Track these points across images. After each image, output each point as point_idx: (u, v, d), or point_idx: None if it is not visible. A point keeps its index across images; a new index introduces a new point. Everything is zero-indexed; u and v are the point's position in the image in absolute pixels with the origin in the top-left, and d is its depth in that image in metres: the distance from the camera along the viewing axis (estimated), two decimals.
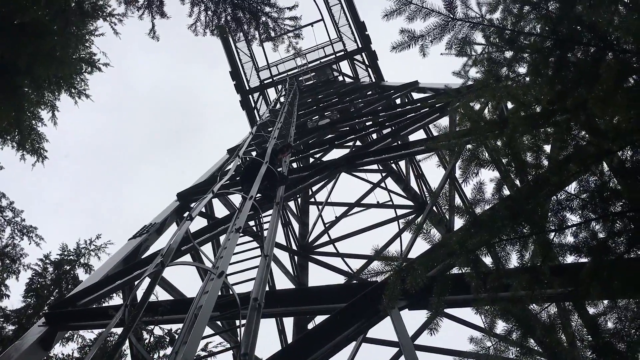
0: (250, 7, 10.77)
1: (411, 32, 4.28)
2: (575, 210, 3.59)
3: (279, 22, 11.10)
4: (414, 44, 4.35)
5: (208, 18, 11.05)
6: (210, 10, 10.84)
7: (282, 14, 11.16)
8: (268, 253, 7.12)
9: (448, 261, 3.83)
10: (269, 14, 10.94)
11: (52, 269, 15.62)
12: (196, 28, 11.20)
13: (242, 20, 10.80)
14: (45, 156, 13.34)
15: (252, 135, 14.61)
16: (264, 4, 10.85)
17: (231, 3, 10.71)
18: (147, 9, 10.59)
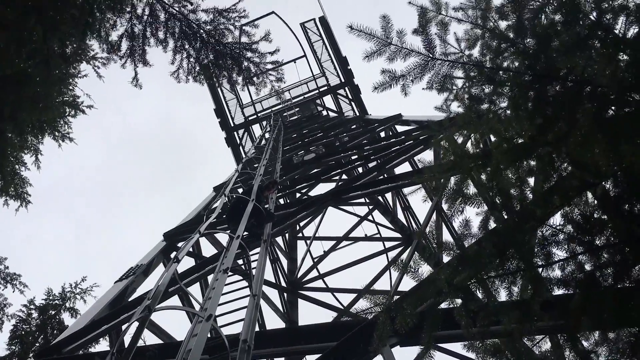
0: (232, 53, 10.90)
1: (392, 73, 4.34)
2: (562, 245, 3.61)
3: (261, 66, 11.23)
4: (395, 84, 4.40)
5: (190, 65, 11.16)
6: (192, 57, 10.96)
7: (264, 59, 11.31)
8: (257, 292, 7.04)
9: (437, 299, 3.81)
10: (251, 59, 11.07)
11: (37, 314, 15.33)
12: (179, 75, 11.28)
13: (224, 66, 10.90)
14: (28, 201, 13.25)
15: (237, 173, 14.60)
16: (245, 50, 10.99)
17: (213, 50, 10.83)
18: (130, 58, 10.67)
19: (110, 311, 9.22)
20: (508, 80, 4.66)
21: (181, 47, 10.97)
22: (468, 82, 5.05)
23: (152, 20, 10.51)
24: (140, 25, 10.48)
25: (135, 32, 10.65)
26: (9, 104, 8.67)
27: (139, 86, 10.86)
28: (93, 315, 9.12)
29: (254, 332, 6.02)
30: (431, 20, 4.54)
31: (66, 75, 11.36)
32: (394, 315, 3.80)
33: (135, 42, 10.50)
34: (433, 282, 3.97)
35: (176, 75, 11.30)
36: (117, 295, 9.77)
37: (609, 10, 4.13)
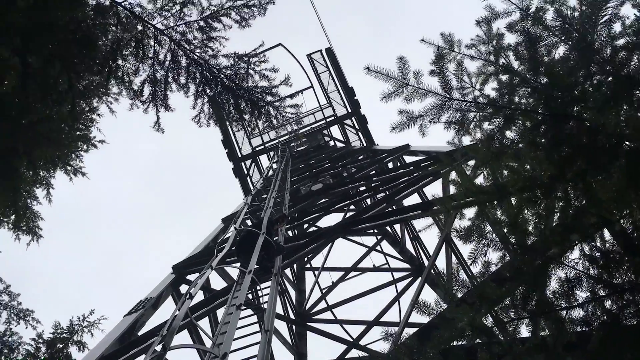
0: (252, 97, 11.01)
1: (409, 113, 4.37)
2: (583, 285, 3.59)
3: (281, 110, 11.34)
4: (413, 124, 4.44)
5: (211, 109, 11.26)
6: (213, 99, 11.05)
7: (283, 102, 11.46)
8: (269, 328, 6.96)
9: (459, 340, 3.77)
10: (271, 103, 11.19)
11: (45, 348, 15.21)
12: (200, 119, 11.40)
13: (245, 110, 11.02)
14: (40, 235, 13.26)
15: (247, 205, 14.61)
16: (265, 94, 11.10)
17: (234, 95, 10.94)
18: (152, 103, 10.80)
19: (120, 346, 9.15)
20: (523, 117, 4.68)
21: (202, 91, 11.11)
22: (482, 118, 5.09)
23: (173, 66, 10.66)
24: (162, 70, 10.64)
25: (157, 77, 10.82)
26: (25, 141, 8.77)
27: (161, 130, 11.00)
28: (102, 350, 9.03)
29: None
30: (445, 58, 4.59)
31: (83, 112, 11.51)
32: (416, 359, 3.76)
33: (157, 87, 10.64)
34: (452, 321, 3.93)
35: (197, 120, 11.45)
36: (126, 329, 9.69)
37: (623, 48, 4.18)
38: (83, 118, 11.70)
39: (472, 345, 4.32)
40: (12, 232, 12.74)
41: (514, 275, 3.80)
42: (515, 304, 3.47)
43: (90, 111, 11.84)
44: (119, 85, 10.10)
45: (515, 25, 4.46)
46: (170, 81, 10.74)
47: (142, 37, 9.83)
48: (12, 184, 9.73)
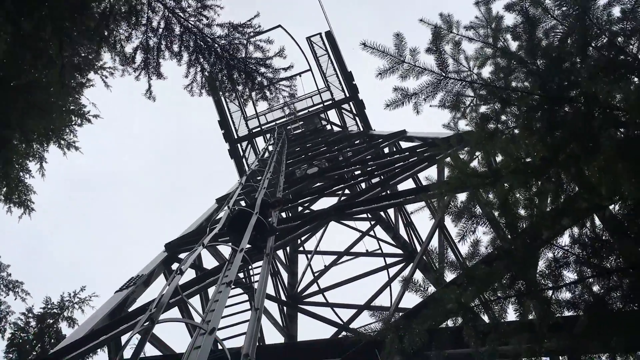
0: (246, 68, 10.92)
1: (404, 91, 4.34)
2: (571, 267, 3.59)
3: (275, 82, 11.23)
4: (407, 102, 4.40)
5: (204, 78, 11.16)
6: (207, 71, 10.96)
7: (277, 74, 11.33)
8: (258, 306, 6.98)
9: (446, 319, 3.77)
10: (265, 74, 11.09)
11: (35, 323, 15.25)
12: (192, 88, 11.28)
13: (238, 81, 10.92)
14: (32, 208, 13.22)
15: (241, 185, 14.58)
16: (259, 65, 11.00)
17: (227, 64, 10.85)
18: (144, 70, 10.69)
19: (110, 321, 9.16)
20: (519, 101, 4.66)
21: (195, 60, 10.99)
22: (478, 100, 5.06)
23: (167, 34, 10.54)
24: (156, 38, 10.51)
25: (150, 44, 10.69)
26: (17, 111, 8.69)
27: (153, 98, 10.88)
28: (92, 325, 9.05)
29: (255, 347, 5.97)
30: (443, 39, 4.55)
31: (76, 85, 11.38)
32: (402, 334, 3.76)
33: (150, 54, 10.52)
34: (441, 301, 3.94)
35: (190, 89, 11.32)
36: (117, 305, 9.71)
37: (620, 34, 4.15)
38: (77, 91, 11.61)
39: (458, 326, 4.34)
40: (3, 204, 12.75)
41: (503, 256, 3.79)
42: (502, 285, 3.47)
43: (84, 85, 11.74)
44: (111, 51, 10.00)
45: (515, 5, 4.42)
46: (163, 49, 10.66)
47: (136, 4, 9.71)
48: (4, 155, 9.66)
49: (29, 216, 13.29)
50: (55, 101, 9.72)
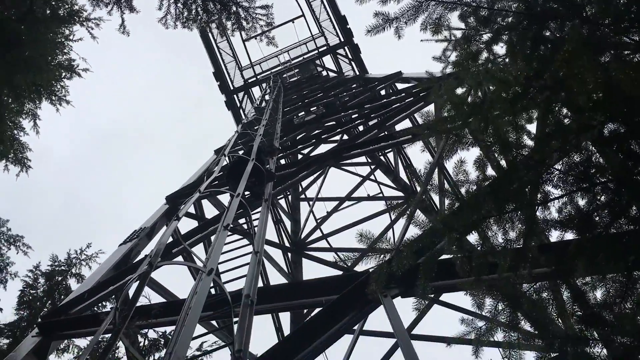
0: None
1: (385, 15, 4.25)
2: (558, 185, 3.59)
3: (250, 11, 11.02)
4: (388, 27, 4.32)
5: (178, 10, 10.95)
6: (180, 2, 10.74)
7: (252, 3, 11.10)
8: (258, 249, 7.09)
9: (436, 247, 3.81)
10: (240, 4, 10.86)
11: (44, 280, 15.50)
12: (166, 21, 11.09)
13: (213, 11, 10.71)
14: (29, 166, 13.26)
15: (237, 134, 14.55)
16: None
17: None
18: (116, 4, 10.49)
19: (115, 273, 9.31)
20: (505, 27, 4.57)
21: None
22: (467, 30, 4.97)
23: None
24: None
25: None
26: (3, 66, 8.57)
27: (127, 33, 10.73)
28: (98, 277, 9.20)
29: (256, 288, 6.08)
30: None
31: (60, 37, 11.20)
32: (391, 258, 3.81)
33: None
34: (433, 229, 3.97)
35: (164, 22, 11.16)
36: (121, 258, 9.85)
37: None
38: (64, 44, 11.44)
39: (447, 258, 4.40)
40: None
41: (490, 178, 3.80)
42: (488, 205, 3.48)
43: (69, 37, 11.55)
44: None
45: None
46: None
47: None
48: None
49: (27, 173, 13.37)
50: (39, 55, 9.59)
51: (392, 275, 3.93)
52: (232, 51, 26.95)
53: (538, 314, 3.31)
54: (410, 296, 5.85)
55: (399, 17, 4.27)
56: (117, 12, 10.51)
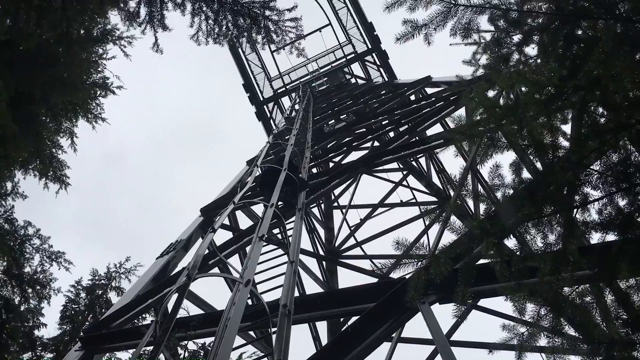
0: (250, 13, 10.83)
1: (414, 22, 4.25)
2: (597, 186, 3.53)
3: (280, 24, 11.13)
4: (417, 34, 4.32)
5: (209, 27, 11.12)
6: (211, 19, 10.91)
7: (282, 16, 11.22)
8: (294, 259, 7.11)
9: (473, 251, 3.77)
10: (269, 17, 10.99)
11: (85, 294, 15.82)
12: (198, 38, 11.29)
13: (243, 26, 10.85)
14: (67, 183, 13.56)
15: (269, 144, 14.64)
16: (263, 8, 10.91)
17: (231, 10, 10.77)
18: (149, 24, 10.72)
19: (153, 286, 9.43)
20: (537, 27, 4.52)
21: (199, 9, 10.95)
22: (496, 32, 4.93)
23: None
24: None
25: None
26: (40, 86, 8.82)
27: (160, 51, 10.94)
28: (137, 290, 9.33)
29: (293, 297, 6.09)
30: None
31: (94, 56, 11.48)
32: (428, 265, 3.79)
33: (153, 7, 10.52)
34: (469, 234, 3.94)
35: (196, 38, 11.35)
36: (159, 271, 9.97)
37: None
38: (97, 64, 11.72)
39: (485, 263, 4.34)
40: (38, 180, 13.09)
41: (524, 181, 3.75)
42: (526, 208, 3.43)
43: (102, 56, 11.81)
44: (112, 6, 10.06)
45: None
46: (166, 0, 10.66)
47: None
48: (34, 130, 9.87)
49: (65, 191, 13.69)
50: (75, 74, 9.85)
51: (429, 281, 3.90)
52: (261, 62, 27.17)
53: (582, 319, 3.25)
54: (448, 302, 5.80)
55: (428, 23, 4.26)
56: (150, 31, 10.77)
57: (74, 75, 9.94)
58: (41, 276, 14.28)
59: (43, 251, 14.48)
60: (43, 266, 14.50)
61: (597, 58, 3.17)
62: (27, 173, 12.58)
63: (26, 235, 14.01)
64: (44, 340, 14.65)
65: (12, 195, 12.73)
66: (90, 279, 16.21)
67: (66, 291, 15.44)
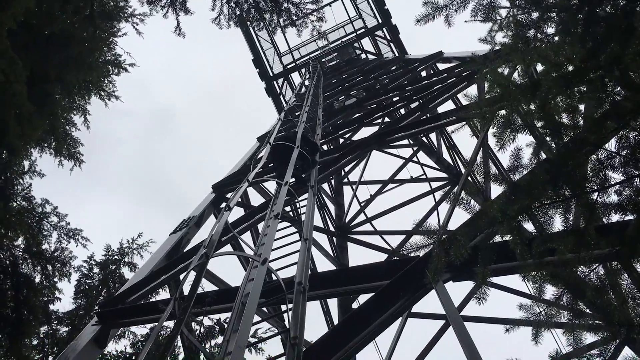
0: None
1: (434, 3, 4.21)
2: (617, 168, 3.52)
3: (301, 7, 11.04)
4: (438, 15, 4.28)
5: (230, 10, 11.06)
6: (232, 2, 10.86)
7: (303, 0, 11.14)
8: (307, 237, 7.14)
9: (490, 230, 3.79)
10: (291, 1, 10.90)
11: (98, 269, 16.03)
12: (220, 21, 11.23)
13: (264, 9, 10.78)
14: (82, 160, 13.63)
15: (280, 121, 14.64)
16: None
17: None
18: (171, 7, 10.66)
19: (167, 262, 9.53)
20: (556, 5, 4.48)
21: None
22: (513, 9, 4.88)
23: None
24: None
25: None
26: (55, 66, 8.83)
27: (182, 35, 10.90)
28: (151, 266, 9.44)
29: (307, 274, 6.15)
30: None
31: (108, 34, 11.45)
32: (448, 247, 3.81)
33: None
34: (486, 213, 3.94)
35: (217, 22, 11.28)
36: (172, 247, 10.08)
37: None
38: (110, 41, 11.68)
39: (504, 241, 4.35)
40: (54, 157, 13.18)
41: (544, 161, 3.74)
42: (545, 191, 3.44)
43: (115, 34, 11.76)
44: None
45: None
46: None
47: None
48: (49, 109, 9.91)
49: (80, 168, 13.78)
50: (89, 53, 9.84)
51: (449, 263, 3.93)
52: (271, 38, 27.00)
53: (602, 301, 3.27)
54: (461, 280, 5.84)
55: (449, 4, 4.22)
56: (172, 14, 10.72)
57: (88, 54, 9.94)
58: (60, 254, 14.46)
59: (61, 228, 14.64)
60: (61, 243, 14.68)
61: (618, 36, 3.12)
62: (42, 151, 12.72)
63: (44, 212, 14.14)
64: (59, 314, 14.90)
65: (29, 174, 12.85)
66: (104, 254, 16.42)
67: (79, 266, 15.66)
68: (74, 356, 7.37)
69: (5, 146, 9.52)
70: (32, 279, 13.02)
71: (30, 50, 8.31)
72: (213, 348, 10.92)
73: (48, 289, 14.03)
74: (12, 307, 12.00)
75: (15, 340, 11.56)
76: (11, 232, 12.23)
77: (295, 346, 4.81)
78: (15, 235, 12.64)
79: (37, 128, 9.95)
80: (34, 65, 8.38)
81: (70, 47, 9.01)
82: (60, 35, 8.62)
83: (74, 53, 9.42)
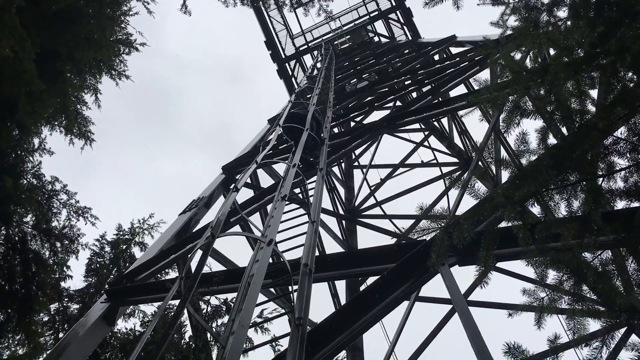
0: None
1: None
2: (624, 154, 3.49)
3: None
4: None
5: None
6: None
7: None
8: (315, 219, 7.17)
9: (494, 215, 3.78)
10: None
11: (109, 248, 16.19)
12: None
13: None
14: (92, 139, 13.72)
15: (291, 104, 14.61)
16: None
17: None
18: None
19: (176, 242, 9.60)
20: None
21: None
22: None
23: None
24: None
25: None
26: (65, 43, 8.85)
27: (188, 13, 10.85)
28: (160, 246, 9.51)
29: (314, 256, 6.18)
30: None
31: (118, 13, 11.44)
32: (452, 231, 3.81)
33: None
34: (492, 199, 3.94)
35: (224, 0, 11.19)
36: (182, 227, 10.13)
37: None
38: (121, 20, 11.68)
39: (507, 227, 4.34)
40: (64, 136, 13.27)
41: (551, 147, 3.72)
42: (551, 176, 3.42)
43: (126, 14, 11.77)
44: None
45: None
46: None
47: None
48: (59, 87, 9.96)
49: (91, 147, 13.88)
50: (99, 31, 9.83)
51: (452, 246, 3.93)
52: (283, 19, 26.87)
53: (604, 286, 3.27)
54: (467, 264, 5.85)
55: None
56: None
57: (98, 31, 9.94)
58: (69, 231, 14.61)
59: (70, 206, 14.77)
60: (70, 221, 14.81)
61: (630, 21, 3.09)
62: (53, 129, 12.82)
63: (53, 190, 14.27)
64: (70, 292, 15.09)
65: (39, 152, 12.94)
66: (115, 233, 16.58)
67: (91, 244, 15.82)
68: (83, 332, 7.46)
69: (16, 123, 9.60)
70: (42, 255, 13.18)
71: (39, 27, 8.35)
72: (219, 327, 11.01)
73: (57, 265, 14.19)
74: (20, 283, 12.18)
75: (23, 316, 11.73)
76: (21, 209, 12.37)
77: (299, 326, 4.86)
78: (24, 212, 12.79)
79: (48, 106, 10.02)
80: (44, 42, 8.41)
81: (78, 24, 9.02)
82: (67, 11, 8.64)
83: (82, 30, 9.44)
